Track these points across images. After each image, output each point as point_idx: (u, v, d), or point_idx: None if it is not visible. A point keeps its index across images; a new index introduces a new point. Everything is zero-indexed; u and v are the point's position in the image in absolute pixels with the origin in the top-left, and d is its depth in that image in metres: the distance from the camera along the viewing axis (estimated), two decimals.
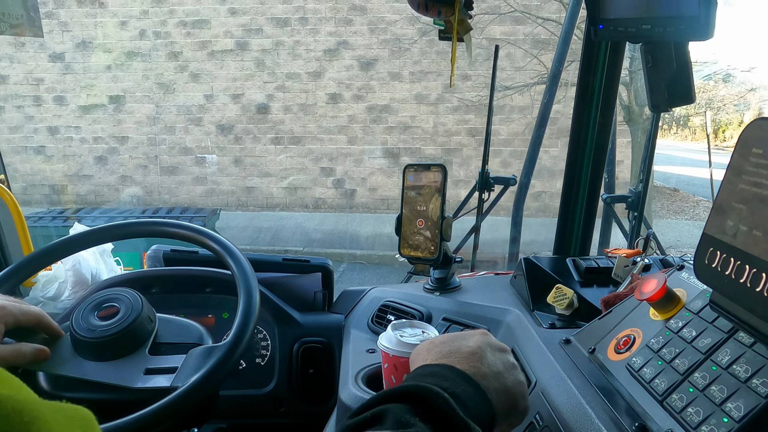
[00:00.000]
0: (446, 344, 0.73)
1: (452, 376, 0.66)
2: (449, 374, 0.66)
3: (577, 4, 2.30)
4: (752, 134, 0.64)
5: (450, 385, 0.63)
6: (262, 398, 1.32)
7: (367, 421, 0.57)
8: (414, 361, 0.74)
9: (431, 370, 0.67)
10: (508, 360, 0.73)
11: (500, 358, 0.72)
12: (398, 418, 0.56)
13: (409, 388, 0.61)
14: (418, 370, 0.69)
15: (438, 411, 0.59)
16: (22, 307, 0.88)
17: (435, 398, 0.59)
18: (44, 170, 9.99)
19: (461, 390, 0.63)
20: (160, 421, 0.83)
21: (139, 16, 9.53)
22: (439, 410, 0.59)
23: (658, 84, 1.09)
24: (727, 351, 0.68)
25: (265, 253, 1.51)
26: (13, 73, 9.74)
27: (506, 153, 9.25)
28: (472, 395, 0.64)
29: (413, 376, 0.67)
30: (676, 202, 11.22)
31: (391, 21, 9.28)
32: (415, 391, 0.60)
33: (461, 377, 0.66)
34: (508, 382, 0.69)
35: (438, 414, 0.58)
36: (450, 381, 0.65)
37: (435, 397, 0.59)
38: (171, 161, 9.90)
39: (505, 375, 0.70)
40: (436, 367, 0.68)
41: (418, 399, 0.59)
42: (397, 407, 0.58)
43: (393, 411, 0.57)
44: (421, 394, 0.60)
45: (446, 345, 0.73)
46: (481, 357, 0.70)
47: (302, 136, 9.68)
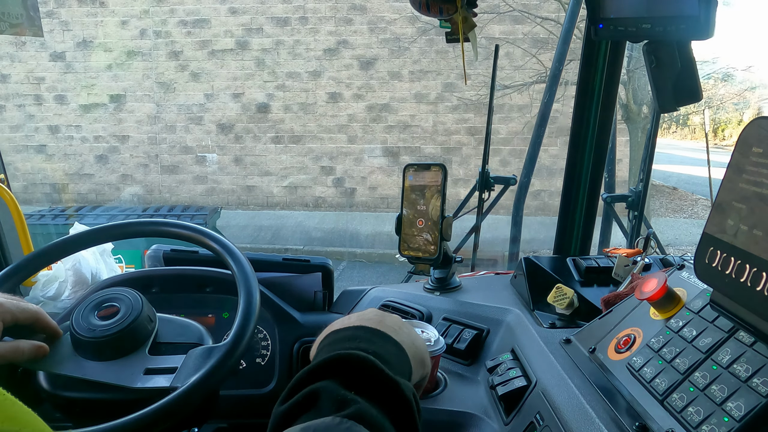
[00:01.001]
0: (346, 318, 0.73)
1: (367, 335, 0.66)
2: (363, 334, 0.66)
3: (577, 4, 2.30)
4: (752, 133, 0.64)
5: (368, 345, 0.63)
6: (262, 398, 1.32)
7: (300, 403, 0.55)
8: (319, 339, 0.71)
9: (344, 334, 0.67)
10: (403, 321, 0.75)
11: (397, 319, 0.74)
12: (333, 396, 0.55)
13: (333, 358, 0.59)
14: (329, 337, 0.68)
15: (368, 377, 0.58)
16: (20, 305, 0.88)
17: (362, 364, 0.58)
18: (45, 169, 9.99)
19: (379, 347, 0.64)
20: (159, 421, 0.83)
21: (139, 15, 9.53)
22: (369, 376, 0.58)
23: (663, 84, 1.09)
24: (728, 350, 0.68)
25: (266, 251, 1.51)
26: (14, 72, 9.74)
27: (506, 152, 9.25)
28: (390, 349, 0.65)
29: (327, 345, 0.66)
30: (675, 201, 11.22)
31: (391, 20, 9.28)
32: (340, 360, 0.59)
33: (375, 334, 0.66)
34: (412, 336, 0.72)
35: (369, 380, 0.57)
36: (366, 341, 0.65)
37: (362, 363, 0.58)
38: (171, 160, 9.90)
39: (407, 331, 0.73)
40: (347, 330, 0.68)
41: (345, 369, 0.58)
42: (327, 384, 0.56)
43: (325, 389, 0.56)
44: (348, 362, 0.58)
45: (346, 319, 0.73)
46: (383, 316, 0.72)
47: (302, 135, 9.68)
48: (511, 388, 0.93)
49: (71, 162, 9.98)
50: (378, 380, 0.57)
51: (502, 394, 0.94)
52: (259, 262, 1.41)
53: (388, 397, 0.57)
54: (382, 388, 0.57)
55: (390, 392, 0.57)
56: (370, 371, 0.58)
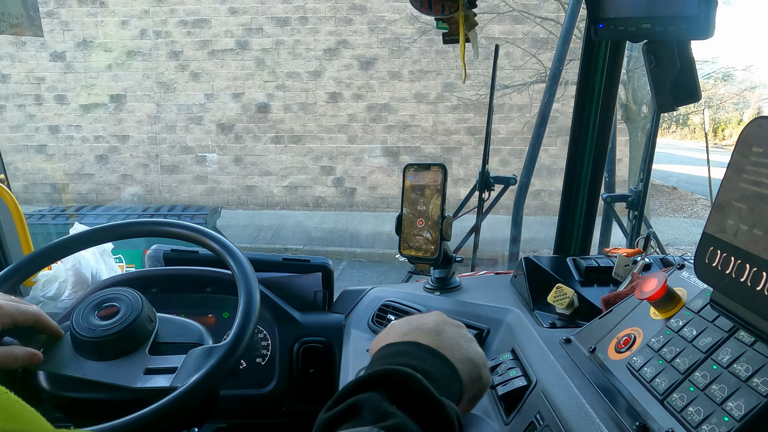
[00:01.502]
0: (405, 325, 0.73)
1: (418, 353, 0.66)
2: (415, 351, 0.66)
3: (577, 3, 2.30)
4: (752, 133, 0.64)
5: (419, 363, 0.64)
6: (262, 398, 1.32)
7: (343, 413, 0.56)
8: (376, 346, 0.73)
9: (396, 349, 0.67)
10: (465, 334, 0.75)
11: (458, 332, 0.74)
12: (375, 408, 0.55)
13: (380, 372, 0.60)
14: (382, 350, 0.68)
15: (413, 394, 0.58)
16: (20, 307, 0.87)
17: (408, 381, 0.59)
18: (45, 169, 9.99)
19: (429, 365, 0.64)
20: (159, 420, 0.83)
21: (139, 15, 9.53)
22: (414, 393, 0.58)
23: (662, 84, 1.09)
24: (728, 350, 0.68)
25: (266, 251, 1.51)
26: (15, 72, 9.74)
27: (505, 152, 9.25)
28: (440, 369, 0.65)
29: (379, 357, 0.67)
30: (675, 200, 11.22)
31: (391, 20, 9.28)
32: (387, 375, 0.59)
33: (427, 352, 0.67)
34: (469, 353, 0.72)
35: (413, 397, 0.58)
36: (417, 358, 0.65)
37: (408, 380, 0.59)
38: (172, 160, 9.90)
39: (466, 346, 0.72)
40: (400, 345, 0.68)
41: (390, 384, 0.59)
42: (371, 396, 0.57)
43: (368, 401, 0.56)
44: (394, 377, 0.59)
45: (405, 325, 0.73)
46: (441, 331, 0.72)
47: (302, 135, 9.68)
48: (511, 387, 0.93)
49: (71, 162, 9.98)
50: (422, 398, 0.58)
51: (502, 393, 0.94)
52: (259, 262, 1.41)
53: (430, 416, 0.57)
54: (425, 406, 0.57)
55: (432, 411, 0.57)
56: (416, 389, 0.58)
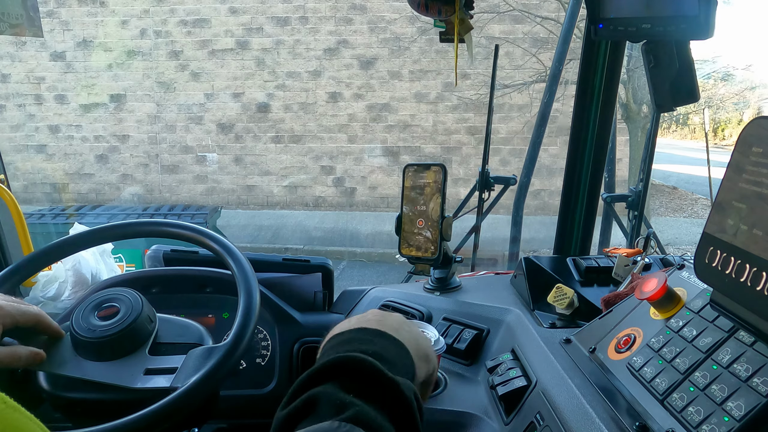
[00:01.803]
0: (347, 322, 0.73)
1: (368, 337, 0.66)
2: (364, 336, 0.66)
3: (577, 3, 2.30)
4: (752, 133, 0.64)
5: (368, 346, 0.63)
6: (262, 398, 1.32)
7: (300, 409, 0.55)
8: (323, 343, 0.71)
9: (344, 337, 0.67)
10: (405, 319, 0.75)
11: (401, 318, 0.74)
12: (332, 400, 0.54)
13: (332, 362, 0.59)
14: (331, 341, 0.67)
15: (367, 378, 0.57)
16: (21, 308, 0.87)
17: (360, 366, 0.58)
18: (45, 169, 10.00)
19: (379, 347, 0.64)
20: (159, 421, 0.83)
21: (139, 15, 9.53)
22: (368, 377, 0.57)
23: (661, 84, 1.09)
24: (728, 350, 0.68)
25: (266, 251, 1.51)
26: (15, 71, 9.74)
27: (505, 151, 9.25)
28: (391, 349, 0.65)
29: (329, 348, 0.66)
30: (675, 200, 11.22)
31: (391, 20, 9.27)
32: (339, 364, 0.58)
33: (376, 335, 0.66)
34: (414, 332, 0.72)
35: (368, 382, 0.57)
36: (367, 342, 0.64)
37: (360, 365, 0.58)
38: (172, 160, 9.90)
39: (408, 329, 0.73)
40: (347, 333, 0.67)
41: (343, 371, 0.58)
42: (326, 388, 0.56)
43: (324, 393, 0.55)
44: (346, 365, 0.58)
45: (347, 322, 0.72)
46: (383, 316, 0.72)
47: (302, 134, 9.68)
48: (511, 388, 0.93)
49: (71, 162, 9.98)
50: (377, 381, 0.57)
51: (502, 394, 0.94)
52: (259, 262, 1.41)
53: (387, 398, 0.57)
54: (380, 389, 0.57)
55: (389, 392, 0.57)
56: (369, 372, 0.57)
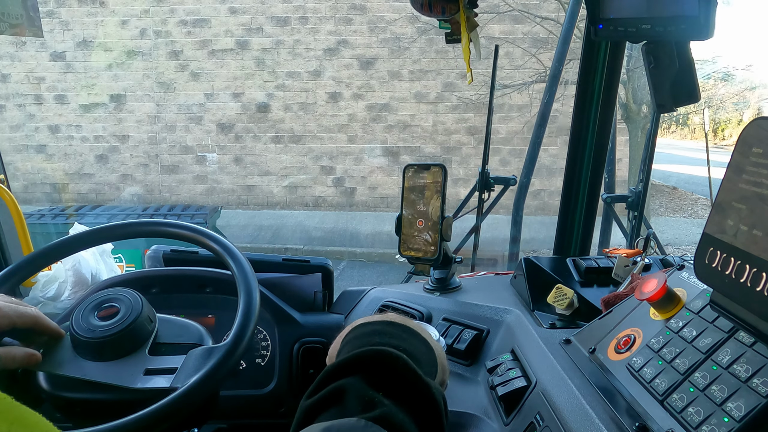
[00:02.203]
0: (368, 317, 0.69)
1: (397, 332, 0.62)
2: (393, 330, 0.63)
3: (577, 4, 2.30)
4: (752, 133, 0.64)
5: (399, 342, 0.60)
6: (262, 398, 1.32)
7: (325, 399, 0.53)
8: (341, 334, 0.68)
9: (373, 328, 0.63)
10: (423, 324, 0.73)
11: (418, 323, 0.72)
12: (360, 395, 0.52)
13: (363, 354, 0.56)
14: (357, 330, 0.64)
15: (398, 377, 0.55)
16: (19, 309, 0.87)
17: (394, 363, 0.55)
18: (45, 169, 9.99)
19: (409, 344, 0.61)
20: (159, 421, 0.83)
21: (139, 15, 9.53)
22: (400, 376, 0.55)
23: (661, 84, 1.09)
24: (728, 351, 0.68)
25: (266, 251, 1.51)
26: (15, 71, 9.74)
27: (505, 152, 9.25)
28: (420, 348, 0.62)
29: (354, 337, 0.62)
30: (675, 200, 11.22)
31: (391, 20, 9.27)
32: (370, 357, 0.56)
33: (405, 331, 0.63)
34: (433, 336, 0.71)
35: (399, 381, 0.55)
36: (397, 337, 0.61)
37: (394, 362, 0.55)
38: (172, 160, 9.90)
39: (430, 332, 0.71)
40: (375, 324, 0.64)
41: (374, 366, 0.55)
42: (355, 382, 0.53)
43: (352, 386, 0.53)
44: (378, 359, 0.55)
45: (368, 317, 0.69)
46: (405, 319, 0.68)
47: (302, 134, 9.68)
48: (511, 388, 0.93)
49: (71, 162, 9.98)
50: (408, 381, 0.55)
51: (502, 394, 0.94)
52: (258, 262, 1.41)
53: (417, 400, 0.54)
54: (411, 390, 0.54)
55: (420, 395, 0.54)
56: (402, 371, 0.55)
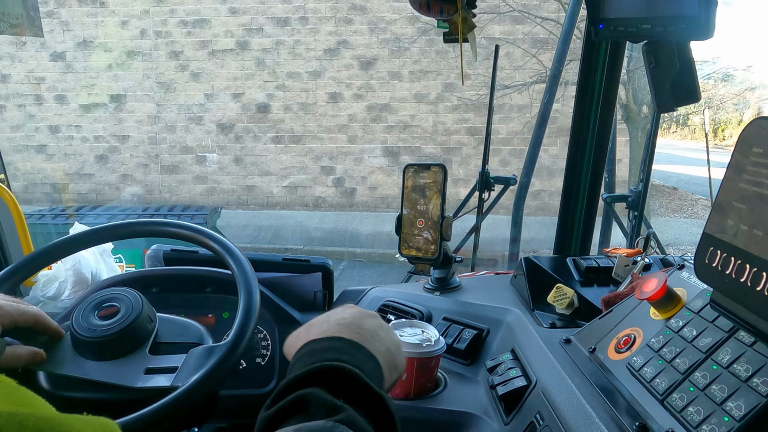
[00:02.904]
0: (323, 323, 0.72)
1: (346, 348, 0.66)
2: (343, 346, 0.66)
3: (577, 4, 2.30)
4: (752, 133, 0.64)
5: (349, 358, 0.63)
6: (262, 398, 1.31)
7: (288, 408, 0.56)
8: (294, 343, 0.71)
9: (323, 344, 0.66)
10: (382, 323, 0.75)
11: (376, 322, 0.74)
12: (323, 402, 0.55)
13: (319, 368, 0.59)
14: (307, 347, 0.67)
15: (355, 388, 0.58)
16: (20, 308, 0.87)
17: (348, 375, 0.59)
18: (45, 169, 9.99)
19: (358, 359, 0.64)
20: (160, 420, 0.83)
21: (140, 15, 9.53)
22: (356, 387, 0.58)
23: (662, 84, 1.09)
24: (728, 350, 0.68)
25: (266, 251, 1.51)
26: (15, 72, 9.74)
27: (505, 152, 9.25)
28: (367, 362, 0.65)
29: (305, 354, 0.66)
30: (675, 201, 11.22)
31: (391, 20, 9.27)
32: (326, 370, 0.59)
33: (353, 346, 0.66)
34: (387, 343, 0.72)
35: (356, 391, 0.58)
36: (346, 353, 0.65)
37: (348, 375, 0.59)
38: (172, 160, 9.90)
39: (384, 336, 0.73)
40: (324, 341, 0.67)
41: (331, 379, 0.59)
42: (316, 391, 0.57)
43: (314, 395, 0.56)
44: (333, 372, 0.59)
45: (324, 323, 0.72)
46: (360, 324, 0.72)
47: (302, 135, 9.68)
48: (511, 388, 0.93)
49: (71, 162, 9.98)
50: (364, 392, 0.58)
51: (502, 394, 0.94)
52: (259, 262, 1.41)
53: (373, 409, 0.58)
54: (368, 400, 0.58)
55: (375, 404, 0.58)
56: (357, 383, 0.59)
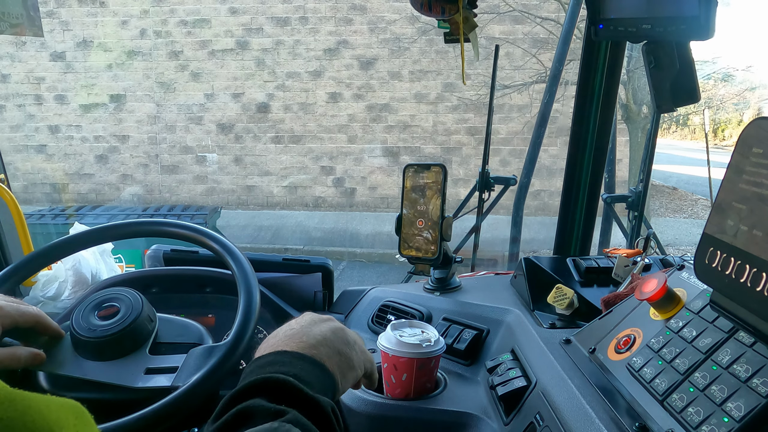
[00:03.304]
0: (273, 337, 0.75)
1: (286, 360, 0.68)
2: (283, 358, 0.68)
3: (578, 4, 2.30)
4: (752, 133, 0.64)
5: (289, 368, 0.66)
6: None
7: (233, 421, 0.58)
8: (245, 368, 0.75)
9: (266, 360, 0.69)
10: (334, 326, 0.77)
11: (326, 326, 0.76)
12: (266, 409, 0.58)
13: (256, 381, 0.62)
14: (251, 364, 0.70)
15: (290, 394, 0.61)
16: (20, 308, 0.87)
17: (283, 385, 0.62)
18: (45, 169, 9.99)
19: (299, 368, 0.66)
20: (160, 420, 0.83)
21: (139, 15, 9.53)
22: (292, 394, 0.61)
23: (662, 84, 1.09)
24: (728, 351, 0.68)
25: (266, 251, 1.51)
26: (15, 71, 9.73)
27: (505, 152, 9.25)
28: (309, 370, 0.67)
29: (249, 372, 0.68)
30: (675, 201, 11.22)
31: (391, 20, 9.27)
32: (263, 382, 0.62)
33: (295, 357, 0.69)
34: (338, 345, 0.74)
35: (292, 397, 0.61)
36: (287, 364, 0.67)
37: (282, 384, 0.62)
38: (172, 160, 9.90)
39: (333, 339, 0.74)
40: (268, 356, 0.70)
41: (268, 389, 0.61)
42: (257, 401, 0.59)
43: (256, 405, 0.58)
44: (269, 383, 0.62)
45: (273, 338, 0.75)
46: (305, 333, 0.73)
47: (302, 135, 9.68)
48: (511, 388, 0.93)
49: (71, 162, 9.98)
50: (300, 398, 0.61)
51: (502, 394, 0.94)
52: (259, 262, 1.41)
53: (311, 412, 0.61)
54: (305, 404, 0.61)
55: (311, 408, 0.61)
56: (291, 390, 0.62)
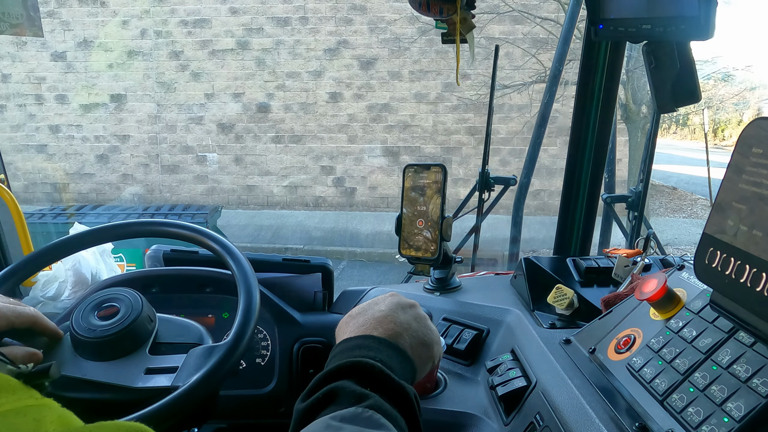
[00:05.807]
0: (361, 315, 0.79)
1: (374, 345, 0.72)
2: (371, 343, 0.72)
3: (577, 4, 2.30)
4: (752, 133, 0.64)
5: (376, 354, 0.70)
6: (262, 398, 1.32)
7: (320, 401, 0.62)
8: (338, 336, 0.79)
9: (355, 343, 0.73)
10: (418, 314, 0.81)
11: (411, 314, 0.79)
12: (352, 392, 0.61)
13: (347, 364, 0.66)
14: (341, 345, 0.74)
15: (378, 379, 0.65)
16: (17, 309, 0.86)
17: (371, 369, 0.65)
18: (46, 168, 10.00)
19: (385, 355, 0.70)
20: (160, 420, 0.83)
21: (140, 15, 9.53)
22: (379, 378, 0.65)
23: (662, 84, 1.09)
24: (728, 351, 0.68)
25: (266, 251, 1.51)
26: (15, 71, 9.74)
27: (505, 152, 9.25)
28: (394, 357, 0.71)
29: (339, 352, 0.72)
30: (674, 201, 11.22)
31: (391, 20, 9.28)
32: (353, 366, 0.66)
33: (382, 343, 0.72)
34: (420, 335, 0.78)
35: (379, 382, 0.65)
36: (374, 350, 0.71)
37: (371, 369, 0.65)
38: (172, 160, 9.90)
39: (417, 328, 0.78)
40: (357, 339, 0.73)
41: (357, 372, 0.65)
42: (344, 383, 0.63)
43: (343, 387, 0.62)
44: (359, 367, 0.66)
45: (361, 316, 0.79)
46: (393, 319, 0.77)
47: (302, 134, 9.68)
48: (511, 388, 0.93)
49: (72, 161, 9.99)
50: (387, 383, 0.65)
51: (502, 394, 0.94)
52: (259, 262, 1.41)
53: (395, 396, 0.64)
54: (389, 389, 0.64)
55: (396, 392, 0.64)
56: (379, 375, 0.65)
